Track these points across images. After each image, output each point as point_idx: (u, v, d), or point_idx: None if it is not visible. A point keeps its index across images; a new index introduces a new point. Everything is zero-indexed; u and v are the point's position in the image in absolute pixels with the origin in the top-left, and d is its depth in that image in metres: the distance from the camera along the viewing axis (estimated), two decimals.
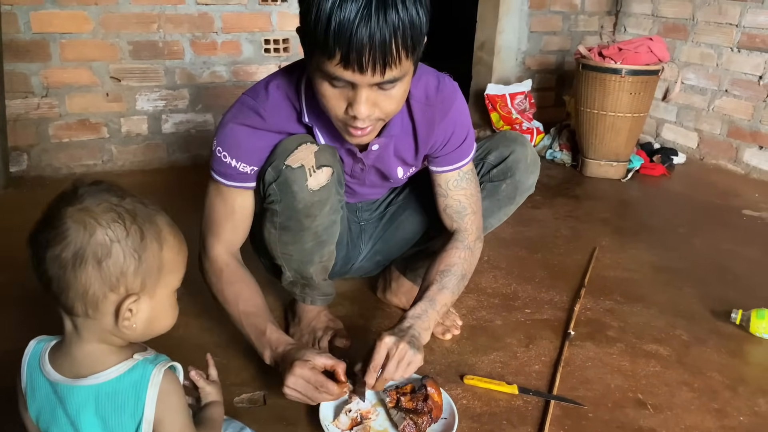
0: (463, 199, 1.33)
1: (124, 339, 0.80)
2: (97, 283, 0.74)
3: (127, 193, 0.79)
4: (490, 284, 1.82)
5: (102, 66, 2.45)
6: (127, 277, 0.75)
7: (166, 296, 0.81)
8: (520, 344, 1.53)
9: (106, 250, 0.74)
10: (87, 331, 0.78)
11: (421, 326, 1.20)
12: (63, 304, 0.76)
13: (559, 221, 2.33)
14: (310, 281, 1.39)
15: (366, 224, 1.58)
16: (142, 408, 0.77)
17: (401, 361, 1.12)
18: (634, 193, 2.72)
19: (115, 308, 0.76)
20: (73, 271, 0.73)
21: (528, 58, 3.40)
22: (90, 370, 0.78)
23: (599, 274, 1.90)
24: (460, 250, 1.31)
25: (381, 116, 1.07)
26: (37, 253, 0.74)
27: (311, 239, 1.27)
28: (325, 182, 1.19)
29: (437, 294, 1.26)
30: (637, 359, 1.49)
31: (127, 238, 0.75)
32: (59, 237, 0.73)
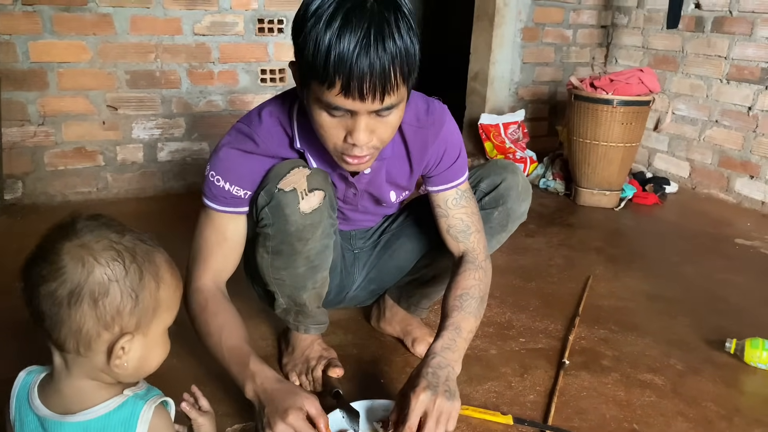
0: (465, 218, 1.33)
1: (116, 378, 0.78)
2: (92, 321, 0.73)
3: (126, 229, 0.78)
4: (484, 313, 1.80)
5: (99, 95, 2.47)
6: (123, 317, 0.74)
7: (159, 334, 0.80)
8: (515, 374, 1.52)
9: (103, 289, 0.73)
10: (77, 367, 0.77)
11: (452, 359, 1.18)
12: (54, 339, 0.75)
13: (553, 250, 2.33)
14: (304, 308, 1.39)
15: (360, 252, 1.58)
16: None
17: (440, 416, 1.08)
18: (627, 221, 2.73)
19: (107, 347, 0.75)
20: (67, 308, 0.72)
21: (521, 88, 3.45)
22: (79, 405, 0.77)
23: (593, 303, 1.90)
24: (473, 271, 1.31)
25: (377, 144, 1.09)
26: (30, 287, 0.73)
27: (304, 264, 1.27)
28: (317, 205, 1.20)
29: (462, 321, 1.24)
30: (632, 389, 1.48)
31: (126, 278, 0.74)
32: (56, 273, 0.72)
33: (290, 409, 1.04)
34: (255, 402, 1.11)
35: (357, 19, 0.95)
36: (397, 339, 1.64)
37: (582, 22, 3.49)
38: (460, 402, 1.13)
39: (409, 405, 1.07)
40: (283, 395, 1.07)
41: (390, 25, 0.96)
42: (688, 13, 3.10)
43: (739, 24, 2.90)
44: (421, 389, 1.08)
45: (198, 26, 2.57)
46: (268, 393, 1.09)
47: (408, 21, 0.99)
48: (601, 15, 3.53)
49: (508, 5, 3.25)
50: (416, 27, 1.02)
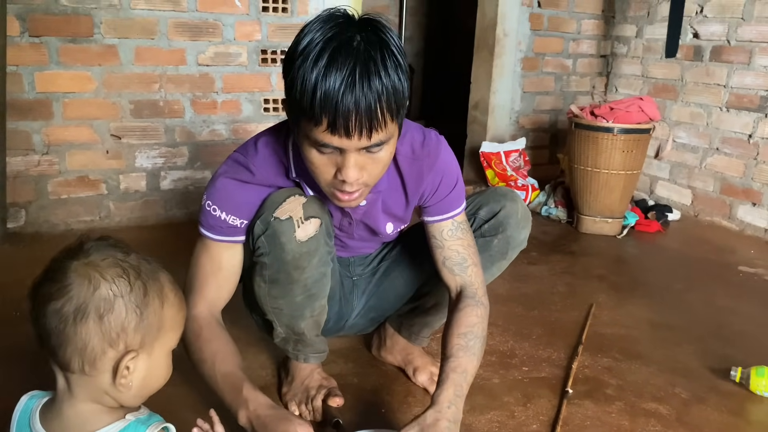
0: (461, 250, 1.33)
1: (118, 400, 0.78)
2: (97, 338, 0.73)
3: (131, 250, 0.79)
4: (486, 341, 1.79)
5: (103, 124, 2.50)
6: (128, 333, 0.75)
7: (163, 355, 0.80)
8: (518, 403, 1.50)
9: (108, 305, 0.74)
10: (80, 388, 0.77)
11: (461, 409, 1.14)
12: (60, 359, 0.75)
13: (556, 277, 2.32)
14: (302, 337, 1.38)
15: (359, 279, 1.58)
16: None
17: None
18: (629, 249, 2.73)
19: (113, 366, 0.75)
20: (73, 325, 0.73)
21: (521, 117, 3.47)
22: (80, 429, 0.77)
23: (597, 331, 1.89)
24: (474, 308, 1.27)
25: (368, 181, 1.09)
26: (37, 307, 0.74)
27: (301, 292, 1.26)
28: (313, 233, 1.20)
29: (468, 364, 1.20)
30: (636, 418, 1.46)
31: (131, 294, 0.75)
32: (62, 291, 0.73)
33: None
34: (248, 429, 1.09)
35: (343, 58, 0.96)
36: (398, 368, 1.62)
37: (581, 52, 3.53)
38: None
39: None
40: (276, 422, 1.06)
41: (376, 63, 0.97)
42: (687, 43, 3.13)
43: (737, 53, 2.93)
44: None
45: (202, 57, 2.61)
46: (261, 419, 1.08)
47: (395, 59, 1.00)
48: (600, 45, 3.57)
49: (508, 36, 3.29)
50: (405, 64, 1.03)
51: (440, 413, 1.10)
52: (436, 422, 1.08)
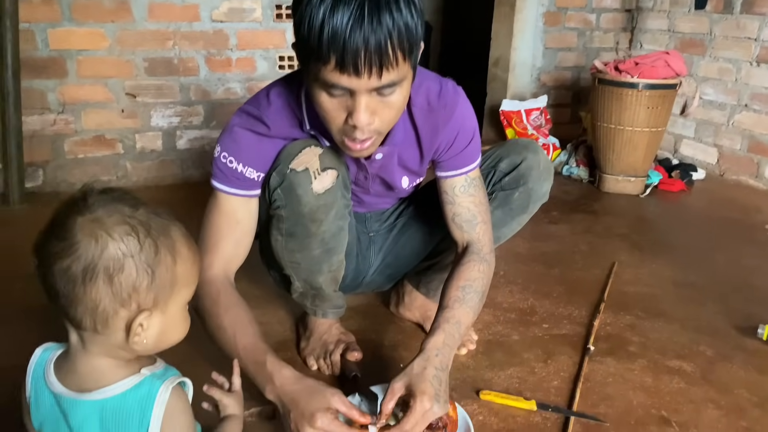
0: (471, 207, 1.29)
1: (133, 354, 0.77)
2: (108, 298, 0.70)
3: (139, 203, 0.75)
4: (506, 299, 1.78)
5: (117, 83, 2.47)
6: (140, 293, 0.72)
7: (178, 310, 0.77)
8: (538, 360, 1.48)
9: (118, 264, 0.70)
10: (94, 345, 0.75)
11: (449, 358, 1.13)
12: (71, 318, 0.73)
13: (577, 237, 2.28)
14: (320, 292, 1.37)
15: (375, 235, 1.55)
16: (146, 427, 0.73)
17: (427, 421, 1.05)
18: (652, 208, 2.67)
19: (125, 324, 0.73)
20: (82, 286, 0.70)
21: (543, 74, 3.39)
22: (95, 384, 0.75)
23: (619, 290, 1.85)
24: (477, 263, 1.26)
25: (380, 127, 1.04)
26: (43, 265, 0.71)
27: (318, 246, 1.24)
28: (330, 185, 1.17)
29: (463, 315, 1.19)
30: (660, 375, 1.43)
31: (141, 253, 0.71)
32: (69, 250, 0.70)
33: (317, 412, 1.00)
34: (278, 404, 1.07)
35: None
36: (416, 324, 1.61)
37: (605, 6, 3.41)
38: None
39: (413, 410, 1.02)
40: (307, 397, 1.03)
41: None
42: None
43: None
44: (429, 398, 1.03)
45: (216, 12, 2.55)
46: (289, 396, 1.04)
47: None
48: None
49: None
50: (419, 2, 0.97)
51: (427, 361, 1.08)
52: (423, 371, 1.06)
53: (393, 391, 1.06)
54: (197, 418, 0.82)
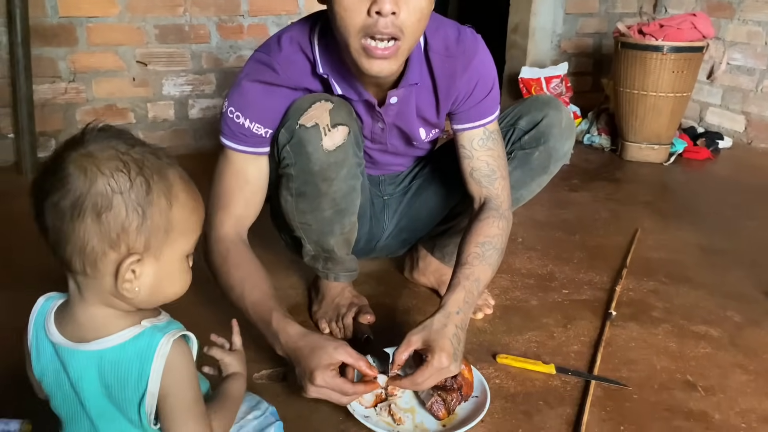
0: (490, 161, 1.24)
1: (127, 303, 0.73)
2: (96, 238, 0.67)
3: (138, 142, 0.71)
4: (524, 265, 1.72)
5: (128, 50, 2.44)
6: (129, 235, 0.68)
7: (175, 260, 0.73)
8: (558, 324, 1.43)
9: (106, 201, 0.66)
10: (89, 291, 0.72)
11: (468, 316, 1.10)
12: (61, 258, 0.70)
13: (598, 204, 2.22)
14: (332, 254, 1.33)
15: (390, 199, 1.50)
16: (146, 380, 0.70)
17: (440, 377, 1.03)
18: (677, 176, 2.59)
19: (115, 268, 0.69)
20: (71, 222, 0.67)
21: (563, 41, 3.29)
22: (94, 334, 0.72)
23: (642, 256, 1.79)
24: (497, 219, 1.21)
25: (403, 24, 0.99)
26: (36, 201, 0.69)
27: (329, 206, 1.20)
28: (341, 142, 1.12)
29: (482, 273, 1.15)
30: (685, 340, 1.38)
31: (131, 191, 0.67)
32: (58, 183, 0.67)
33: (316, 370, 0.99)
34: (288, 360, 1.06)
35: None
36: (431, 289, 1.56)
37: None
38: None
39: (429, 364, 1.00)
40: (308, 354, 1.01)
41: None
42: None
43: None
44: (447, 356, 1.00)
45: None
46: (294, 353, 1.04)
47: None
48: None
49: None
50: None
51: (448, 318, 1.05)
52: (443, 328, 1.03)
53: (409, 343, 1.04)
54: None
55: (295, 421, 1.07)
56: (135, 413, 0.72)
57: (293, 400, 1.12)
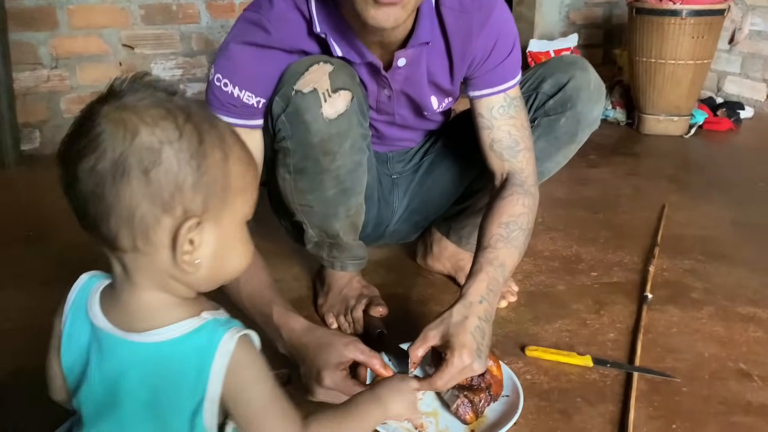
0: (513, 131, 1.10)
1: (187, 285, 0.61)
2: (146, 201, 0.55)
3: (179, 91, 0.61)
4: (547, 247, 1.59)
5: (113, 33, 2.30)
6: (184, 193, 0.56)
7: (236, 225, 0.61)
8: (589, 310, 1.30)
9: (154, 155, 0.55)
10: (139, 272, 0.59)
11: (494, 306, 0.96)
12: (105, 236, 0.57)
13: (620, 180, 2.08)
14: (338, 240, 1.19)
15: (399, 178, 1.37)
16: (204, 383, 0.58)
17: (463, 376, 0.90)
18: (699, 149, 2.45)
19: (171, 237, 0.57)
20: (113, 187, 0.55)
21: (572, 11, 3.13)
22: (146, 324, 0.60)
23: (672, 233, 1.65)
24: (521, 196, 1.07)
25: None
26: (67, 170, 0.56)
27: (333, 185, 1.06)
28: (343, 109, 0.98)
29: (507, 257, 1.01)
30: (732, 324, 1.24)
31: (181, 140, 0.56)
32: (93, 143, 0.55)
33: (324, 369, 0.88)
34: (291, 359, 0.95)
35: None
36: (447, 276, 1.43)
37: None
38: None
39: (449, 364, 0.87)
40: (314, 352, 0.90)
41: None
42: None
43: None
44: (469, 353, 0.87)
45: None
46: (298, 351, 0.93)
47: None
48: None
49: None
50: None
51: (469, 309, 0.92)
52: (464, 320, 0.90)
53: (426, 339, 0.91)
54: None
55: None
56: (184, 425, 0.59)
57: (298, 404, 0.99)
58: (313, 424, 0.65)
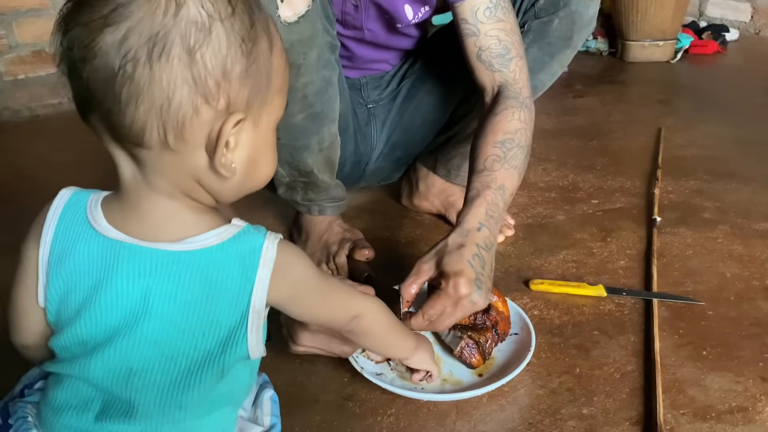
0: (502, 36, 0.95)
1: (214, 192, 0.52)
2: (186, 87, 0.45)
3: None
4: (540, 178, 1.46)
5: None
6: (231, 82, 0.47)
7: (270, 129, 0.53)
8: (595, 239, 1.18)
9: (202, 33, 0.45)
10: (161, 175, 0.49)
11: (495, 232, 0.84)
12: (123, 127, 0.46)
13: (609, 107, 1.95)
14: (312, 179, 1.05)
15: (375, 107, 1.22)
16: (248, 294, 0.51)
17: (467, 312, 0.78)
18: (688, 72, 2.33)
19: (208, 133, 0.48)
20: (147, 66, 0.44)
21: None
22: (175, 232, 0.51)
23: (673, 155, 1.54)
24: (516, 110, 0.93)
25: None
26: (79, 43, 0.45)
27: (301, 108, 0.92)
28: (303, 10, 0.83)
29: (506, 178, 0.88)
30: (750, 241, 1.14)
31: (233, 18, 0.47)
32: (124, 11, 0.44)
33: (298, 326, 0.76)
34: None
35: None
36: (437, 216, 1.30)
37: None
38: None
39: (442, 292, 0.76)
40: None
41: None
42: None
43: None
44: (466, 282, 0.75)
45: None
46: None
47: None
48: None
49: None
50: None
51: (466, 237, 0.80)
52: (459, 249, 0.78)
53: (419, 273, 0.79)
54: None
55: (288, 389, 0.82)
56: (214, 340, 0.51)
57: (283, 363, 0.87)
58: (366, 315, 0.64)
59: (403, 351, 0.74)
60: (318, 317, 0.63)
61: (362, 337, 0.67)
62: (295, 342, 0.75)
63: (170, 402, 0.50)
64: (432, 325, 0.78)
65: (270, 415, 0.65)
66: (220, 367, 0.52)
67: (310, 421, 0.79)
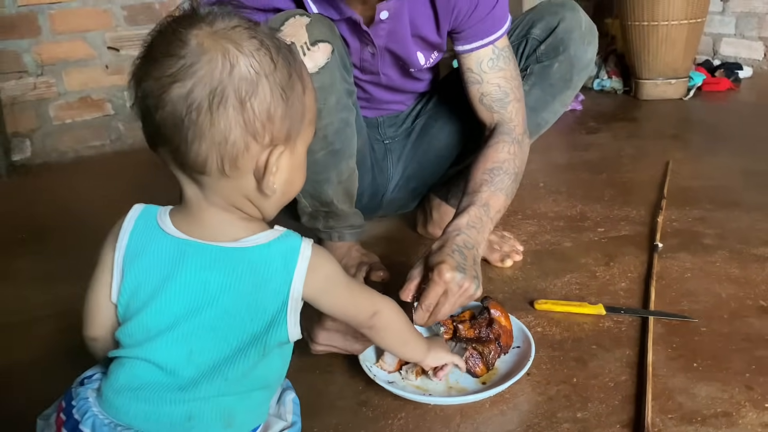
0: (502, 83, 1.07)
1: (259, 207, 0.64)
2: (239, 129, 0.58)
3: (252, 18, 0.62)
4: (550, 209, 1.54)
5: (97, 36, 2.27)
6: (274, 123, 0.59)
7: (303, 153, 0.65)
8: (599, 263, 1.25)
9: (251, 87, 0.57)
10: (218, 194, 0.61)
11: (477, 240, 0.95)
12: (188, 159, 0.58)
13: (621, 142, 2.03)
14: (332, 208, 1.15)
15: (391, 143, 1.33)
16: (288, 284, 0.62)
17: (459, 299, 0.88)
18: (700, 109, 2.40)
19: (256, 163, 0.60)
20: (208, 114, 0.56)
21: None
22: (230, 235, 0.63)
23: (679, 185, 1.60)
24: (507, 144, 1.05)
25: None
26: (152, 93, 0.57)
27: (321, 146, 1.02)
28: (323, 62, 0.95)
29: (491, 198, 1.00)
30: (747, 265, 1.19)
31: (275, 73, 0.59)
32: (189, 70, 0.56)
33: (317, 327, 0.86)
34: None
35: None
36: None
37: None
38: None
39: (431, 282, 0.86)
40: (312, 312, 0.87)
41: None
42: None
43: None
44: (449, 267, 0.85)
45: None
46: None
47: None
48: None
49: None
50: None
51: (446, 240, 0.92)
52: (441, 248, 0.90)
53: (411, 278, 0.90)
54: None
55: (307, 395, 0.89)
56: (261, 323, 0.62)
57: (304, 373, 0.95)
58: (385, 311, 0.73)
59: (417, 350, 0.82)
60: (345, 311, 0.71)
61: (381, 333, 0.74)
62: (313, 341, 0.84)
63: (218, 374, 0.60)
64: (433, 316, 0.87)
65: (292, 414, 0.73)
66: (263, 346, 0.62)
67: (328, 423, 0.86)
